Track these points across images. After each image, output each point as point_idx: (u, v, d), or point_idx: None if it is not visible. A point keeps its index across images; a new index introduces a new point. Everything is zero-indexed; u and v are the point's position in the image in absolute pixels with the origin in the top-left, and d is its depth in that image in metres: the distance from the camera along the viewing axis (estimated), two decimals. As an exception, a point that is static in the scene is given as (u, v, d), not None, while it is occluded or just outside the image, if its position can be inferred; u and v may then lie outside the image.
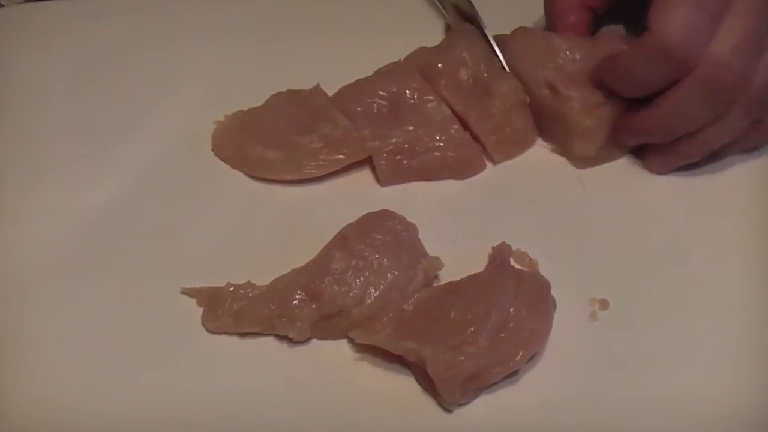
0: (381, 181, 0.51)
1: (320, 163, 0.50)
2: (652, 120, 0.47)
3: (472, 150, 0.51)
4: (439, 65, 0.52)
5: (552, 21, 0.53)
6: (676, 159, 0.49)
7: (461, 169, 0.51)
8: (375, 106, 0.51)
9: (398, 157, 0.50)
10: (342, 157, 0.50)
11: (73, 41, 0.57)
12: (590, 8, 0.52)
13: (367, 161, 0.51)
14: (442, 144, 0.50)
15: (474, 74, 0.52)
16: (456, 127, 0.50)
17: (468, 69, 0.52)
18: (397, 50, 0.55)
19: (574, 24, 0.51)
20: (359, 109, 0.51)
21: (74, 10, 0.58)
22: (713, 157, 0.49)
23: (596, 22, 0.53)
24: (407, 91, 0.51)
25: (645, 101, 0.47)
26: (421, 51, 0.53)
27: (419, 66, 0.52)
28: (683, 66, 0.44)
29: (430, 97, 0.51)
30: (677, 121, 0.46)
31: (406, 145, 0.50)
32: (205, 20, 0.58)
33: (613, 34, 0.52)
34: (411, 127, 0.50)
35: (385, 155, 0.50)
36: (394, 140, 0.50)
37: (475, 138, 0.51)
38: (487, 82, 0.51)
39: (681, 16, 0.43)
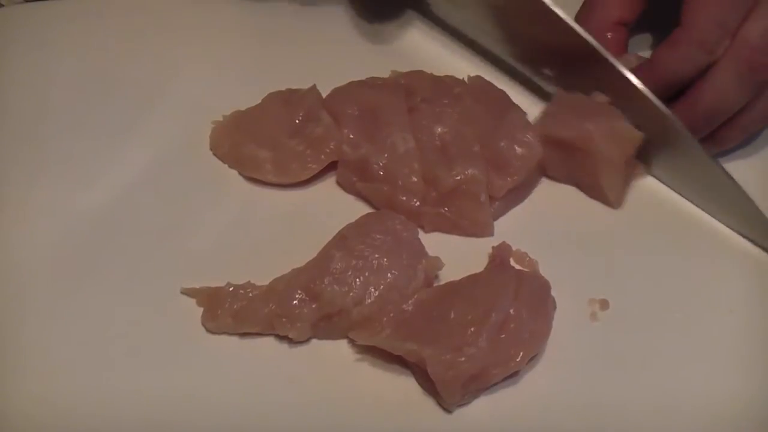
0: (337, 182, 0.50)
1: (305, 166, 0.49)
2: (693, 112, 0.47)
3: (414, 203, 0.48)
4: (425, 105, 0.49)
5: None
6: (713, 147, 0.49)
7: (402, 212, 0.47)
8: (358, 112, 0.50)
9: (354, 172, 0.49)
10: (323, 156, 0.49)
11: (73, 41, 0.57)
12: (625, 24, 0.51)
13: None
14: (398, 180, 0.48)
15: (450, 138, 0.48)
16: (415, 165, 0.48)
17: (446, 128, 0.48)
18: (398, 52, 0.55)
19: (612, 42, 0.50)
20: (344, 111, 0.50)
21: (74, 10, 0.58)
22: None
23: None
24: (385, 110, 0.49)
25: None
26: (421, 77, 0.52)
27: (410, 88, 0.50)
28: (715, 54, 0.45)
29: (402, 124, 0.49)
30: (717, 107, 0.47)
31: (368, 162, 0.48)
32: (205, 20, 0.58)
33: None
34: (380, 147, 0.48)
35: (347, 164, 0.49)
36: (362, 152, 0.49)
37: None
38: (454, 154, 0.48)
39: (713, 7, 0.45)
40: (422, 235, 0.47)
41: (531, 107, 0.52)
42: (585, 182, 0.49)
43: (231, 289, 0.45)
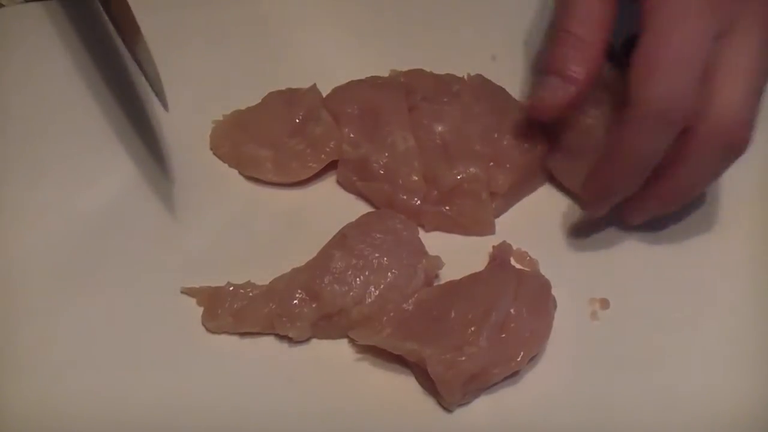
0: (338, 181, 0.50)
1: (306, 165, 0.49)
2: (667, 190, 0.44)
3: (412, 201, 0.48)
4: (425, 103, 0.49)
5: None
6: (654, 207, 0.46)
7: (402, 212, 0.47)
8: (358, 111, 0.50)
9: (354, 171, 0.49)
10: (323, 156, 0.49)
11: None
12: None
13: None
14: (399, 179, 0.48)
15: (450, 136, 0.48)
16: (416, 164, 0.48)
17: (446, 127, 0.48)
18: (398, 51, 0.55)
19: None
20: (344, 110, 0.50)
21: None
22: None
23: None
24: (385, 109, 0.49)
25: None
26: (421, 76, 0.52)
27: (410, 87, 0.50)
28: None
29: (402, 123, 0.48)
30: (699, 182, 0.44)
31: (368, 161, 0.48)
32: (205, 19, 0.58)
33: None
34: (380, 146, 0.48)
35: (347, 163, 0.49)
36: (363, 151, 0.48)
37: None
38: (454, 152, 0.48)
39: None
40: (422, 234, 0.47)
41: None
42: None
43: (231, 288, 0.45)
